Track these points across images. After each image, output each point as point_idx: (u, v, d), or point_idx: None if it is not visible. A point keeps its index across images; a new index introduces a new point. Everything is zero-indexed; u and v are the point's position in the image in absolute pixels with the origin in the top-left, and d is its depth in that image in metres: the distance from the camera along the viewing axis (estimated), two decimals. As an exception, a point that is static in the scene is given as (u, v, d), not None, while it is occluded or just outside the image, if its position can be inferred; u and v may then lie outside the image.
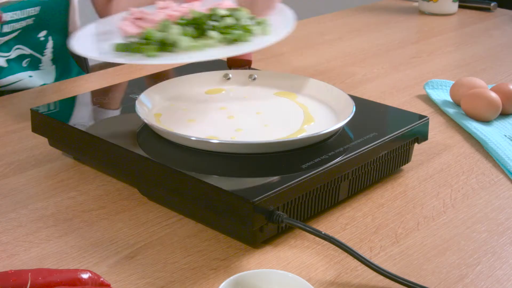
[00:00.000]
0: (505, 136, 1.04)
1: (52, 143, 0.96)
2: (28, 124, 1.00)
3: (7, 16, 0.97)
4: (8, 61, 1.28)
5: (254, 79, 1.03)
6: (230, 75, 1.03)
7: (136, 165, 0.83)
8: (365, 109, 0.96)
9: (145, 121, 0.87)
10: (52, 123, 0.93)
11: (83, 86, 1.25)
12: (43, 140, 0.99)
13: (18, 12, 1.24)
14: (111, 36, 1.01)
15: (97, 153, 0.89)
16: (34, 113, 0.95)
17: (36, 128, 0.97)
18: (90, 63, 1.54)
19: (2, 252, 0.75)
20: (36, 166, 0.94)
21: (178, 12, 1.04)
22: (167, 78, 1.01)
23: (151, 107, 0.94)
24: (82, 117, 0.95)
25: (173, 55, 0.91)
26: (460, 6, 1.87)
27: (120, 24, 1.02)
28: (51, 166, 0.94)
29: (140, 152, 0.83)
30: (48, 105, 0.98)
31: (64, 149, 0.96)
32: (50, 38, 1.32)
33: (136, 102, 0.92)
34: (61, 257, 0.74)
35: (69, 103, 1.00)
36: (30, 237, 0.78)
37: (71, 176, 0.92)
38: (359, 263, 0.72)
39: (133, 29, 1.00)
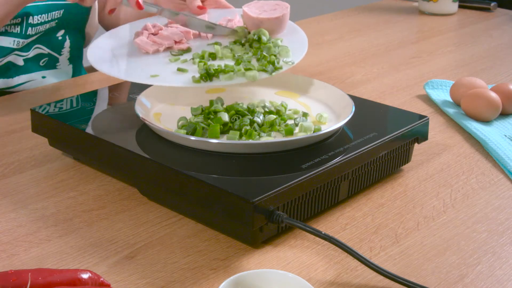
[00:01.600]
0: (505, 136, 1.04)
1: (52, 143, 0.96)
2: (28, 124, 1.00)
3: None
4: (25, 60, 1.28)
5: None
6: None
7: (136, 165, 0.83)
8: (365, 109, 0.96)
9: (145, 121, 0.87)
10: (52, 123, 0.93)
11: (83, 86, 1.25)
12: (43, 140, 0.99)
13: (44, 15, 1.24)
14: (128, 52, 1.05)
15: (97, 153, 0.89)
16: (34, 113, 0.95)
17: (36, 128, 0.97)
18: (89, 63, 1.54)
19: (2, 252, 0.75)
20: (36, 166, 0.94)
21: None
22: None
23: (151, 107, 0.95)
24: (82, 117, 0.95)
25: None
26: (460, 6, 1.87)
27: (137, 41, 1.05)
28: (51, 166, 0.94)
29: (140, 152, 0.83)
30: (48, 105, 0.98)
31: (64, 149, 0.96)
32: (67, 37, 1.33)
33: (136, 102, 0.92)
34: (61, 257, 0.74)
35: (69, 103, 1.00)
36: (30, 237, 0.78)
37: (71, 176, 0.92)
38: (359, 263, 0.72)
39: (151, 47, 1.03)
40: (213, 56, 0.99)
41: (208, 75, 0.93)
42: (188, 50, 1.03)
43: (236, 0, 1.26)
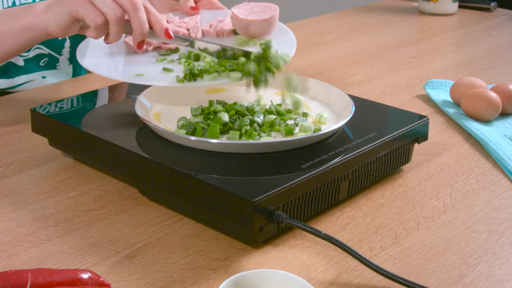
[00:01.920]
0: (505, 136, 1.04)
1: (52, 143, 0.97)
2: (28, 124, 1.00)
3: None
4: (25, 60, 1.28)
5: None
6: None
7: (136, 165, 0.83)
8: (365, 109, 0.96)
9: (145, 121, 0.87)
10: (52, 123, 0.93)
11: (83, 86, 1.25)
12: (43, 140, 0.99)
13: None
14: (117, 50, 1.06)
15: (97, 153, 0.89)
16: (34, 113, 0.95)
17: (36, 128, 0.97)
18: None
19: (2, 252, 0.75)
20: (36, 166, 0.94)
21: (182, 28, 1.07)
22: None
23: (151, 107, 0.95)
24: (82, 117, 0.95)
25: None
26: (460, 6, 1.87)
27: (126, 40, 1.06)
28: (51, 166, 0.94)
29: (140, 152, 0.83)
30: (48, 105, 0.98)
31: (64, 149, 0.96)
32: (67, 37, 1.32)
33: (136, 102, 0.92)
34: (61, 257, 0.74)
35: (69, 103, 1.00)
36: (30, 237, 0.78)
37: (71, 176, 0.92)
38: (359, 263, 0.72)
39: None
40: (197, 57, 1.00)
41: (192, 75, 0.94)
42: (176, 50, 1.05)
43: (230, 1, 1.26)
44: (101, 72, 0.98)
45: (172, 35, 0.97)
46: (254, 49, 0.99)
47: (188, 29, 1.11)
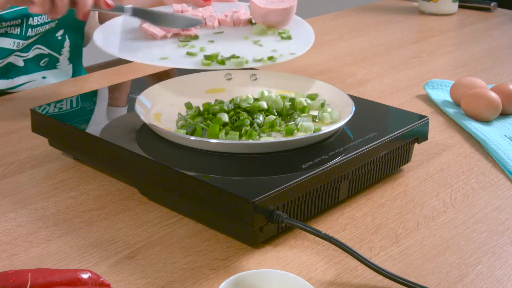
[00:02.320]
0: (505, 136, 1.04)
1: (52, 143, 0.96)
2: (28, 124, 1.00)
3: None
4: (25, 61, 1.28)
5: (255, 79, 1.03)
6: (231, 75, 1.03)
7: (136, 165, 0.83)
8: (365, 109, 0.96)
9: (145, 121, 0.87)
10: (52, 123, 0.93)
11: (83, 86, 1.25)
12: (43, 140, 0.99)
13: (44, 16, 1.24)
14: (135, 37, 1.06)
15: (97, 153, 0.89)
16: (34, 113, 0.95)
17: (36, 128, 0.97)
18: (89, 63, 1.54)
19: (2, 252, 0.75)
20: (36, 166, 0.94)
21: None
22: (168, 78, 1.01)
23: (151, 107, 0.95)
24: (82, 117, 0.95)
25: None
26: (460, 6, 1.87)
27: (145, 26, 1.06)
28: (51, 166, 0.94)
29: (140, 152, 0.83)
30: (48, 105, 0.98)
31: (64, 149, 0.96)
32: (66, 37, 1.32)
33: (136, 102, 0.92)
34: (61, 257, 0.74)
35: (69, 103, 1.00)
36: (30, 237, 0.78)
37: (71, 176, 0.92)
38: (359, 263, 0.72)
39: (159, 33, 1.05)
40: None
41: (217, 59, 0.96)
42: (195, 37, 1.05)
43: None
44: (125, 56, 0.99)
45: (111, 4, 1.01)
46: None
47: (204, 18, 1.11)
